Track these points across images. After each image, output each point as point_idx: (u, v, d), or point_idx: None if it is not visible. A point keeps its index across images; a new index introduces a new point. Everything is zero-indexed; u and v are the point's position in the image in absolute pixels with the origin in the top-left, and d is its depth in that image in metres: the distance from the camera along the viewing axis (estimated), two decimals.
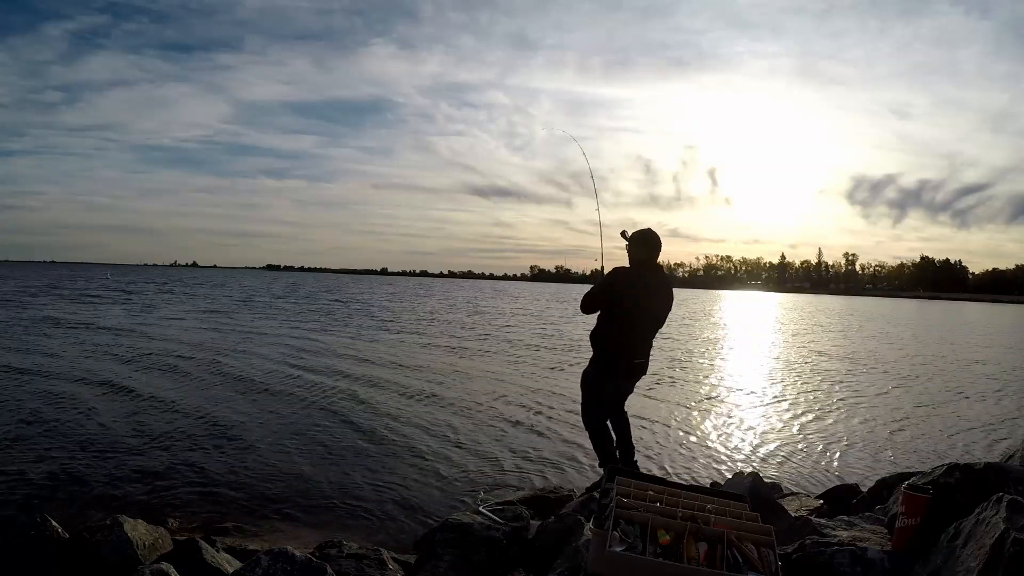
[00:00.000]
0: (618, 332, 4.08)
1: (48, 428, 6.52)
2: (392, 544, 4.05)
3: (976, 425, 8.63)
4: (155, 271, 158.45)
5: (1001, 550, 2.16)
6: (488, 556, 3.32)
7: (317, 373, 10.71)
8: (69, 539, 3.37)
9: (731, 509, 2.64)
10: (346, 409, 8.02)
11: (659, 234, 4.15)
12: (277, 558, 2.88)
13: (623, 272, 4.09)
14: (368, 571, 3.23)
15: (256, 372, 10.57)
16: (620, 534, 2.37)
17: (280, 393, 8.89)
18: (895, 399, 10.49)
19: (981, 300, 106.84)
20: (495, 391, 9.79)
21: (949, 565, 2.35)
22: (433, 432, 7.06)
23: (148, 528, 3.54)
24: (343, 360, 12.46)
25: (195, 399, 8.27)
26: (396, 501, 5.00)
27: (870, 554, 2.59)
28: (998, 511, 2.33)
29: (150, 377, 9.74)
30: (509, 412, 8.27)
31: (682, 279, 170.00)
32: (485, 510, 4.04)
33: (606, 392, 4.21)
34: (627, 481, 2.74)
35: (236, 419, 7.28)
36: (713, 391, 10.73)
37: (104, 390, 8.61)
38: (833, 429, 8.07)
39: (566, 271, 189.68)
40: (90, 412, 7.27)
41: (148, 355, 12.01)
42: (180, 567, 3.07)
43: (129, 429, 6.63)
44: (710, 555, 2.33)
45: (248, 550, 3.75)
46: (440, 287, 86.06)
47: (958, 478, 2.88)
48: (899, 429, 8.22)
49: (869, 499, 3.75)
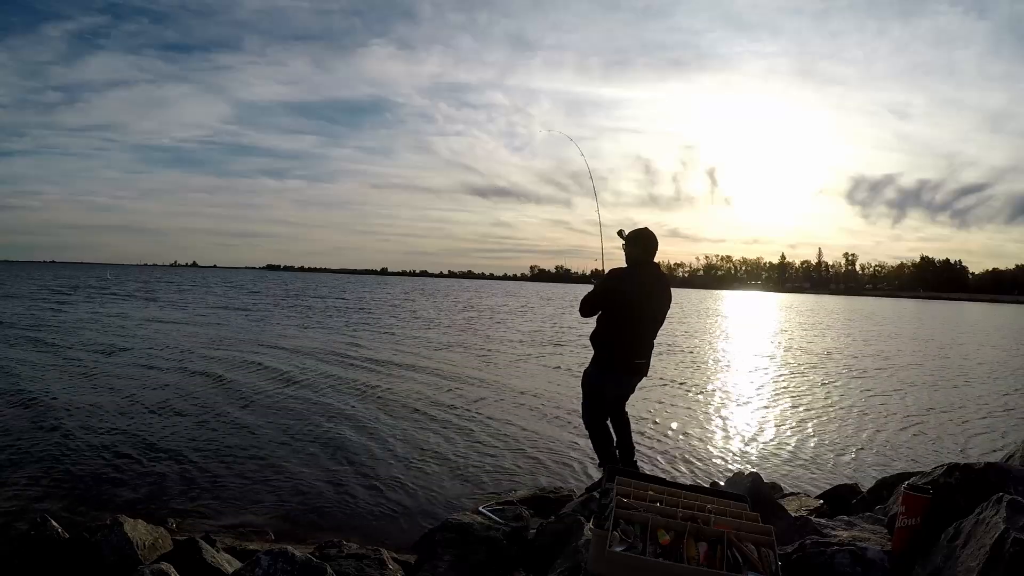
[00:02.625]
0: (618, 332, 4.08)
1: (48, 428, 6.52)
2: (392, 544, 4.05)
3: (976, 425, 8.63)
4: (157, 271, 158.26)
5: (1001, 550, 2.16)
6: (488, 556, 3.32)
7: (317, 374, 10.71)
8: (69, 539, 3.37)
9: (731, 509, 2.64)
10: (346, 410, 8.02)
11: (658, 234, 4.15)
12: (277, 558, 2.88)
13: (620, 272, 4.08)
14: (368, 571, 3.23)
15: (257, 372, 10.57)
16: (620, 534, 2.37)
17: (280, 394, 8.89)
18: (895, 399, 10.49)
19: (981, 300, 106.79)
20: (495, 391, 9.80)
21: (949, 565, 2.35)
22: (433, 432, 7.06)
23: (148, 528, 3.54)
24: (343, 360, 12.46)
25: (195, 399, 8.27)
26: (396, 501, 5.00)
27: (870, 554, 2.59)
28: (998, 511, 2.33)
29: (150, 377, 9.74)
30: (509, 412, 8.27)
31: (682, 279, 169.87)
32: (485, 510, 4.03)
33: (607, 392, 4.21)
34: (627, 481, 2.74)
35: (236, 420, 7.28)
36: (713, 391, 10.73)
37: (104, 390, 8.61)
38: (833, 429, 8.08)
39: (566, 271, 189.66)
40: (90, 412, 7.27)
41: (148, 355, 12.01)
42: (180, 567, 3.07)
43: (129, 429, 6.63)
44: (710, 555, 2.33)
45: (248, 550, 3.76)
46: (441, 287, 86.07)
47: (958, 478, 2.88)
48: (899, 429, 8.22)
49: (869, 499, 3.75)
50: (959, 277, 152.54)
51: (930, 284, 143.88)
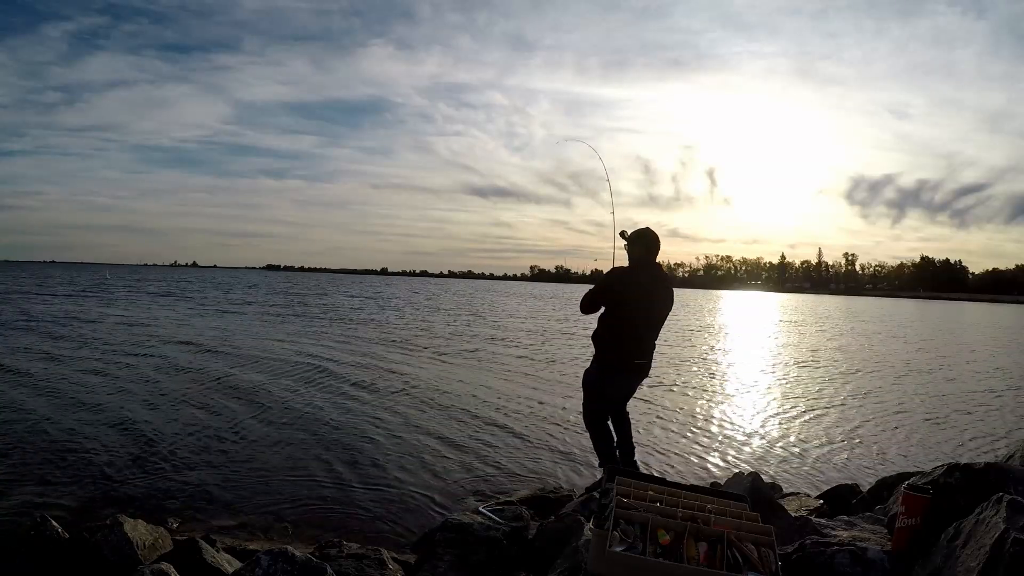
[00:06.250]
0: (619, 332, 4.08)
1: (48, 428, 6.52)
2: (392, 544, 4.05)
3: (976, 425, 8.63)
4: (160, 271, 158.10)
5: (1001, 550, 2.16)
6: (488, 556, 3.32)
7: (317, 374, 10.71)
8: (69, 539, 3.37)
9: (731, 509, 2.64)
10: (346, 410, 8.01)
11: (658, 234, 4.16)
12: (277, 558, 2.88)
13: (622, 272, 4.08)
14: (368, 571, 3.23)
15: (257, 372, 10.57)
16: (620, 534, 2.37)
17: (279, 395, 8.88)
18: (895, 399, 10.48)
19: (981, 300, 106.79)
20: (495, 391, 9.79)
21: (949, 565, 2.35)
22: (433, 432, 7.05)
23: (148, 528, 3.54)
24: (343, 360, 12.46)
25: (195, 399, 8.26)
26: (396, 501, 4.99)
27: (870, 554, 2.59)
28: (998, 511, 2.33)
29: (150, 377, 9.74)
30: (509, 412, 8.27)
31: (682, 279, 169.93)
32: (485, 510, 4.03)
33: (608, 392, 4.21)
34: (627, 481, 2.74)
35: (236, 419, 7.28)
36: (713, 391, 10.73)
37: (104, 389, 8.61)
38: (833, 429, 8.07)
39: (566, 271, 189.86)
40: (90, 412, 7.27)
41: (149, 354, 12.02)
42: (180, 567, 3.07)
43: (129, 429, 6.62)
44: (710, 555, 2.33)
45: (248, 550, 3.76)
46: (442, 287, 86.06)
47: (958, 478, 2.88)
48: (899, 429, 8.22)
49: (869, 499, 3.75)
50: (959, 277, 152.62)
51: (930, 284, 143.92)
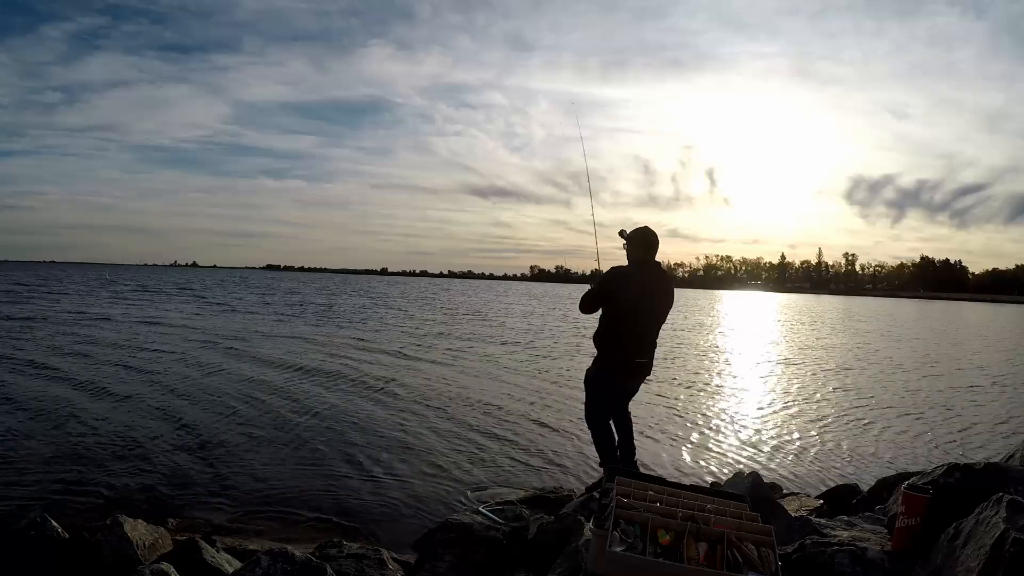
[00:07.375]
0: (619, 331, 4.08)
1: (48, 428, 6.52)
2: (392, 544, 4.05)
3: (976, 425, 8.63)
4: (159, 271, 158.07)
5: (1001, 550, 2.16)
6: (488, 556, 3.32)
7: (317, 374, 10.71)
8: (69, 539, 3.37)
9: (731, 509, 2.64)
10: (346, 410, 8.01)
11: (658, 234, 4.15)
12: (277, 558, 2.88)
13: (621, 271, 4.08)
14: (368, 571, 3.22)
15: (257, 373, 10.57)
16: (620, 534, 2.37)
17: (279, 394, 8.89)
18: (895, 399, 10.48)
19: (981, 300, 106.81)
20: (495, 391, 9.79)
21: (949, 565, 2.35)
22: (433, 432, 7.06)
23: (148, 528, 3.54)
24: (342, 361, 12.46)
25: (196, 399, 8.27)
26: (396, 501, 4.99)
27: (870, 554, 2.59)
28: (998, 511, 2.33)
29: (150, 376, 9.73)
30: (510, 411, 8.27)
31: (682, 279, 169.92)
32: (485, 510, 4.04)
33: (609, 392, 4.21)
34: (627, 481, 2.74)
35: (236, 419, 7.28)
36: (713, 391, 10.73)
37: (104, 390, 8.61)
38: (833, 429, 8.07)
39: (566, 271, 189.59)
40: (89, 412, 7.27)
41: (150, 353, 12.01)
42: (180, 567, 3.06)
43: (129, 429, 6.62)
44: (710, 555, 2.32)
45: (248, 550, 3.75)
46: (442, 287, 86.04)
47: (958, 478, 2.88)
48: (899, 429, 8.22)
49: (869, 499, 3.75)
50: (959, 277, 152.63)
51: (930, 284, 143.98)
